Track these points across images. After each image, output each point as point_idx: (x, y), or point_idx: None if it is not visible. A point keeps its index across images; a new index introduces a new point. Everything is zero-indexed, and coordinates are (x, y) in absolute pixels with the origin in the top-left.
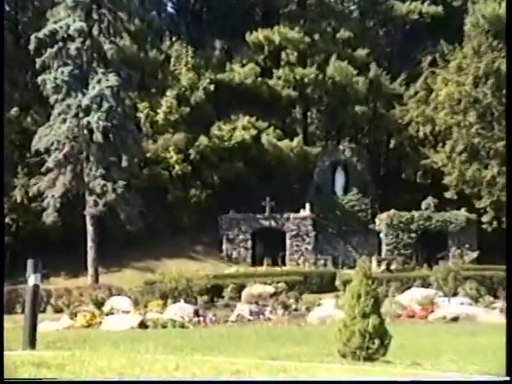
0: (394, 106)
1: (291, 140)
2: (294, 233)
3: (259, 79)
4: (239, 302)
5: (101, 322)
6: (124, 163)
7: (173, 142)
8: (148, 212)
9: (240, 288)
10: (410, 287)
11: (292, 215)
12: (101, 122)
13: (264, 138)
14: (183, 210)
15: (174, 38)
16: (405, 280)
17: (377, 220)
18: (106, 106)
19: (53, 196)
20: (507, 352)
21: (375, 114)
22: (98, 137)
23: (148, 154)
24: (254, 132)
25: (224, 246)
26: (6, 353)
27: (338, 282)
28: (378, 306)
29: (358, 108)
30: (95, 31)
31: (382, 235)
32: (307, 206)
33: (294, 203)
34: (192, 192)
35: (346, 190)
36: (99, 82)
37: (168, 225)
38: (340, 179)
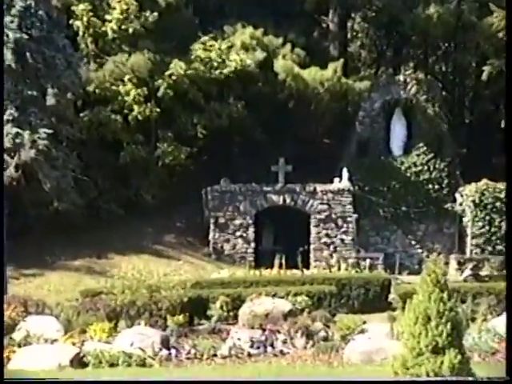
0: (491, 10)
1: (321, 67)
2: (323, 215)
3: None
4: (234, 326)
5: (8, 358)
6: (50, 101)
7: (130, 68)
8: (89, 181)
9: (236, 303)
10: None
11: (320, 187)
12: (11, 33)
13: (277, 64)
14: (146, 179)
15: None
16: (503, 294)
17: (457, 196)
18: (19, 5)
19: None
20: (507, 352)
21: (460, 20)
22: (7, 57)
23: (89, 87)
24: (260, 54)
25: (211, 236)
26: None
27: (392, 296)
28: (460, 336)
29: (431, 10)
30: None
31: (465, 220)
32: (345, 173)
33: (323, 168)
34: (160, 150)
35: (407, 148)
36: None
37: (121, 202)
38: (399, 130)
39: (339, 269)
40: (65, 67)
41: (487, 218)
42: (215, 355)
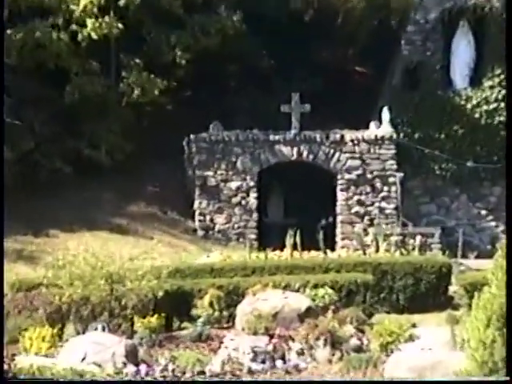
0: None
1: None
2: (353, 175)
3: None
4: (230, 331)
5: None
6: None
7: None
8: (22, 127)
9: (232, 299)
10: None
11: (350, 135)
12: None
13: None
14: (103, 125)
15: None
16: None
17: None
18: None
19: None
20: (507, 352)
21: None
22: None
23: None
24: None
25: (197, 205)
26: None
27: (454, 288)
28: None
29: None
30: None
31: None
32: (385, 114)
33: (353, 109)
34: (123, 83)
35: (476, 78)
36: None
37: (68, 157)
38: (464, 52)
39: (377, 250)
40: None
41: None
42: (203, 372)
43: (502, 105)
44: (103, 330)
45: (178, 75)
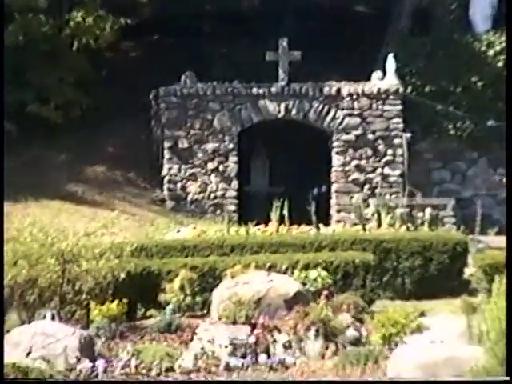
0: None
1: None
2: (352, 136)
3: None
4: (204, 320)
5: None
6: None
7: None
8: None
9: (206, 282)
10: None
11: (348, 87)
12: None
13: None
14: (52, 74)
15: None
16: None
17: None
18: None
19: None
20: (507, 352)
21: None
22: None
23: None
24: None
25: (166, 171)
26: None
27: (471, 270)
28: None
29: None
30: None
31: None
32: (391, 62)
33: (352, 56)
34: (74, 21)
35: (499, 20)
36: None
37: (11, 113)
38: None
39: (380, 225)
40: None
41: None
42: (171, 369)
43: None
44: (53, 318)
45: (142, 15)
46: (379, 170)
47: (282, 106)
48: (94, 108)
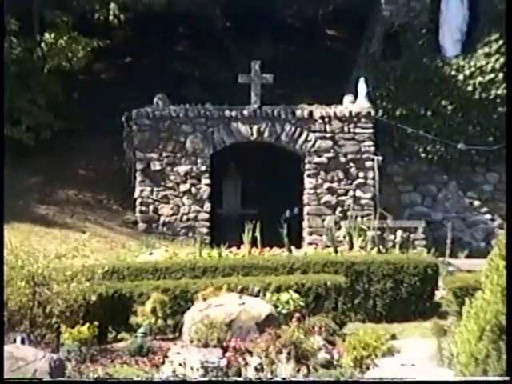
0: None
1: None
2: (324, 158)
3: None
4: (176, 343)
5: None
6: None
7: None
8: None
9: (178, 304)
10: None
11: (320, 111)
12: None
13: None
14: (24, 95)
15: None
16: None
17: None
18: None
19: None
20: (507, 352)
21: None
22: None
23: None
24: None
25: (138, 193)
26: None
27: (441, 292)
28: None
29: None
30: None
31: None
32: (362, 86)
33: (325, 79)
34: (46, 42)
35: (469, 44)
36: None
37: None
38: (455, 12)
39: (351, 247)
40: None
41: None
42: None
43: (500, 76)
44: (22, 342)
45: (115, 37)
46: (351, 193)
47: (255, 128)
48: (65, 130)
